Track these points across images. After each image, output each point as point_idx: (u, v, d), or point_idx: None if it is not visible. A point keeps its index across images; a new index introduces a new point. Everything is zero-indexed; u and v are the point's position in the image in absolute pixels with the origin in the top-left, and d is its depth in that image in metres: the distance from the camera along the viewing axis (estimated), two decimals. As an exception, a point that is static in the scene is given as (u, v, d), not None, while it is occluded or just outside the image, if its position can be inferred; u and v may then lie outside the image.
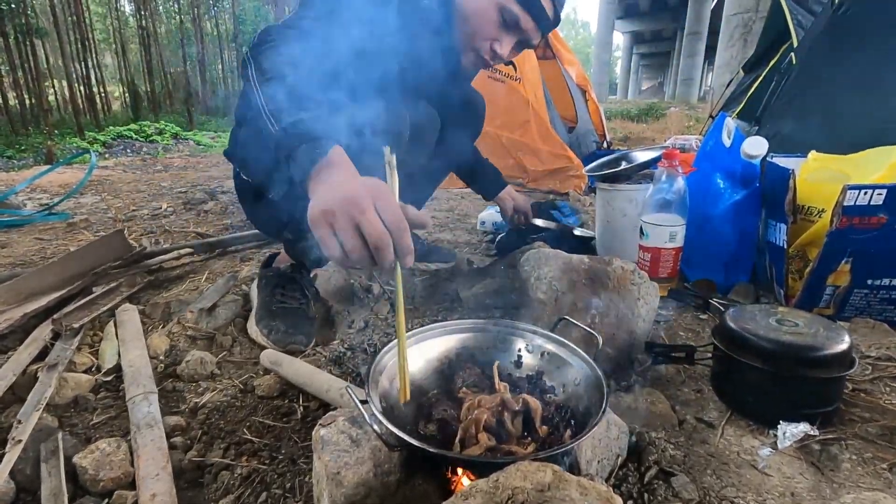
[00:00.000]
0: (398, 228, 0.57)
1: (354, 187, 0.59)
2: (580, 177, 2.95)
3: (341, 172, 0.65)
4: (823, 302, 1.17)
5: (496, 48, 1.00)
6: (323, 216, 0.58)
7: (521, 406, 0.66)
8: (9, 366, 0.96)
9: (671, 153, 1.28)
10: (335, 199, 0.58)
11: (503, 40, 1.00)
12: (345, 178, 0.63)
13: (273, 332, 1.10)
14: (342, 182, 0.62)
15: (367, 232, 0.56)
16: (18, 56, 7.70)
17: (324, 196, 0.60)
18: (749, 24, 6.53)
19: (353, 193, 0.57)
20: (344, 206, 0.57)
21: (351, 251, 0.57)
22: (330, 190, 0.61)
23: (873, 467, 0.73)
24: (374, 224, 0.56)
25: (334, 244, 0.58)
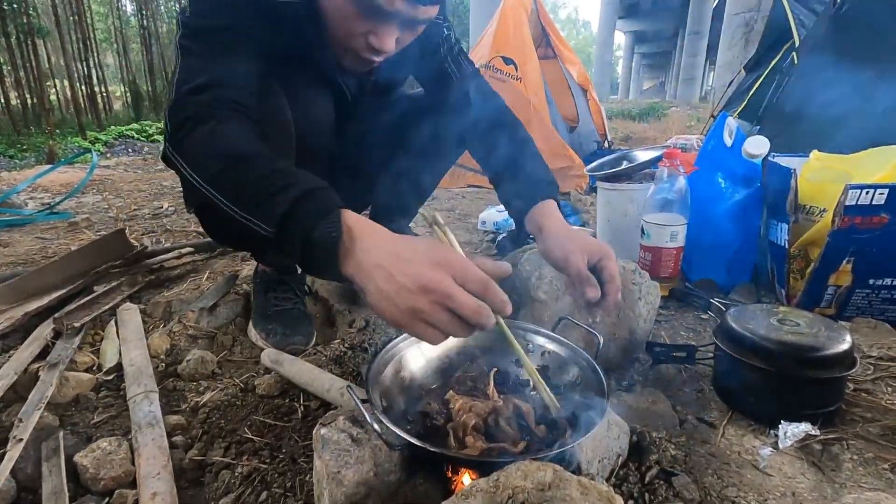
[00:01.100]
0: (487, 291, 0.54)
1: (425, 272, 0.53)
2: (581, 176, 2.95)
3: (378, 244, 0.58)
4: (825, 302, 1.16)
5: (373, 42, 0.82)
6: (410, 317, 0.53)
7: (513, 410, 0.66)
8: (10, 364, 0.96)
9: (672, 153, 1.28)
10: (410, 293, 0.53)
11: (378, 31, 0.81)
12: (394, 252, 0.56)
13: (271, 334, 1.10)
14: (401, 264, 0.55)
15: (464, 315, 0.52)
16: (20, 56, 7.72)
17: (394, 291, 0.54)
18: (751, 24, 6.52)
19: (428, 281, 0.52)
20: (428, 298, 0.52)
21: (455, 334, 0.54)
22: (391, 280, 0.54)
23: (875, 467, 0.73)
24: (467, 305, 0.52)
25: (435, 335, 0.54)
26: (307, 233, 0.59)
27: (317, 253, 0.59)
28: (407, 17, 0.80)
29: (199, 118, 0.71)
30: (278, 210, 0.60)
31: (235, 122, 0.74)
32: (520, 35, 3.18)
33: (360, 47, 0.85)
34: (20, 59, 7.75)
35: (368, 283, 0.56)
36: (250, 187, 0.64)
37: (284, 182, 0.63)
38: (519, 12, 3.24)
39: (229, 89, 0.76)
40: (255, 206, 0.63)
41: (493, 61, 3.11)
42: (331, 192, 0.63)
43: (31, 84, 7.90)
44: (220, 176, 0.67)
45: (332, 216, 0.60)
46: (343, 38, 0.85)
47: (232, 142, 0.70)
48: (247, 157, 0.67)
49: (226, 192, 0.67)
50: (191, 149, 0.71)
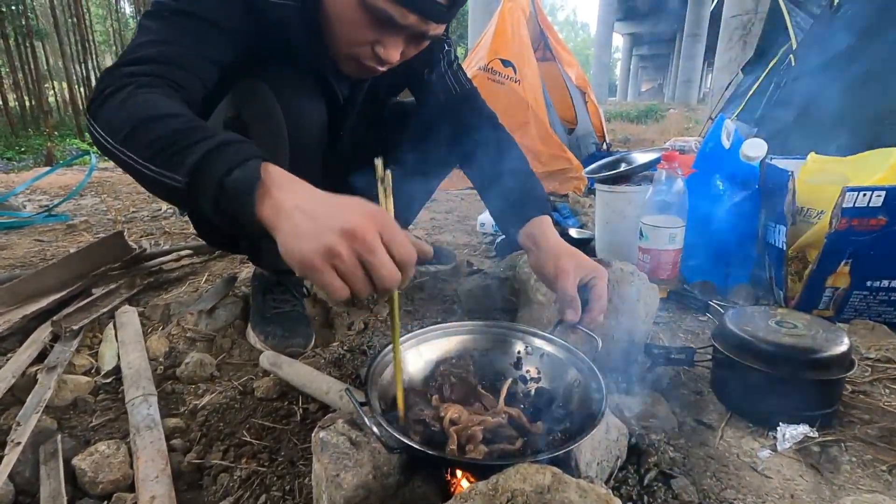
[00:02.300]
0: (408, 265, 0.52)
1: (355, 218, 0.51)
2: (579, 178, 2.95)
3: (303, 190, 0.56)
4: (823, 303, 1.17)
5: (380, 52, 0.82)
6: (323, 257, 0.50)
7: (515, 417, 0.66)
8: (8, 367, 0.96)
9: (671, 155, 1.29)
10: (333, 234, 0.50)
11: (385, 42, 0.81)
12: (321, 198, 0.55)
13: (270, 337, 1.10)
14: (325, 206, 0.53)
15: (377, 275, 0.50)
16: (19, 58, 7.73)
17: (308, 232, 0.51)
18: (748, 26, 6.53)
19: (355, 226, 0.50)
20: (348, 243, 0.50)
21: (359, 293, 0.51)
22: (313, 219, 0.52)
23: (873, 469, 0.73)
24: (386, 265, 0.50)
25: (341, 287, 0.51)
26: (221, 177, 0.56)
27: (231, 198, 0.56)
28: (416, 31, 0.80)
29: (119, 84, 0.68)
30: (189, 160, 0.57)
31: (159, 89, 0.69)
32: (518, 37, 3.19)
33: (365, 56, 0.84)
34: (19, 62, 7.75)
35: (284, 223, 0.53)
36: (165, 141, 0.61)
37: (203, 135, 0.59)
38: (517, 14, 3.25)
39: (170, 67, 0.72)
40: (168, 158, 0.60)
41: (492, 63, 3.11)
42: (251, 146, 0.60)
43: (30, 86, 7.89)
44: (131, 135, 0.63)
45: (251, 163, 0.57)
46: (346, 45, 0.84)
47: (149, 102, 0.66)
48: (161, 115, 0.63)
49: (139, 149, 0.62)
50: (106, 113, 0.67)
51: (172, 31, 0.75)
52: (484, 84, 2.95)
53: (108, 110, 0.66)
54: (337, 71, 0.93)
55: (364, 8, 0.76)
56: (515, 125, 3.03)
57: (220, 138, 0.59)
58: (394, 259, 0.51)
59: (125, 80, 0.68)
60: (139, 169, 0.62)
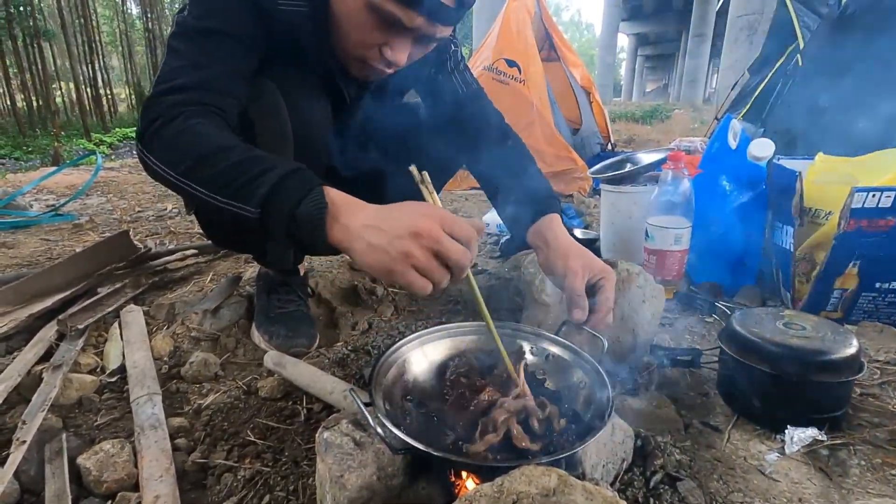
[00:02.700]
0: (472, 240, 0.59)
1: (415, 221, 0.57)
2: (584, 179, 2.94)
3: (364, 210, 0.62)
4: (831, 305, 1.16)
5: (387, 54, 0.82)
6: (402, 261, 0.57)
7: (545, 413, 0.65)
8: (14, 366, 0.96)
9: (676, 155, 1.28)
10: (403, 240, 0.57)
11: (392, 44, 0.81)
12: (381, 213, 0.61)
13: (274, 337, 1.10)
14: (387, 219, 0.59)
15: (451, 258, 0.57)
16: (27, 58, 7.79)
17: (382, 244, 0.58)
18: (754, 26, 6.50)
19: (418, 226, 0.57)
20: (417, 242, 0.57)
21: (440, 282, 0.58)
22: (382, 232, 0.58)
23: (882, 473, 0.72)
24: (454, 248, 0.57)
25: (423, 282, 0.58)
26: (292, 209, 0.62)
27: (303, 226, 0.62)
28: (424, 33, 0.80)
29: (169, 115, 0.71)
30: (261, 191, 0.62)
31: (208, 119, 0.73)
32: (523, 37, 3.19)
33: (373, 58, 0.84)
34: (26, 62, 7.82)
35: (357, 242, 0.60)
36: (227, 174, 0.66)
37: (262, 167, 0.65)
38: (522, 15, 3.25)
39: (209, 93, 0.76)
40: (236, 190, 0.65)
41: (497, 63, 3.11)
42: (311, 173, 0.65)
43: (37, 86, 7.96)
44: (194, 167, 0.68)
45: (315, 192, 0.62)
46: (354, 47, 0.85)
47: (203, 135, 0.70)
48: (220, 147, 0.68)
49: (202, 183, 0.67)
50: (161, 146, 0.71)
51: (202, 53, 0.78)
52: (489, 84, 2.95)
53: (163, 143, 0.71)
54: (344, 71, 0.93)
55: (372, 10, 0.77)
56: (520, 125, 3.02)
57: (282, 170, 0.64)
58: (459, 241, 0.58)
59: (172, 111, 0.71)
60: (206, 200, 0.67)
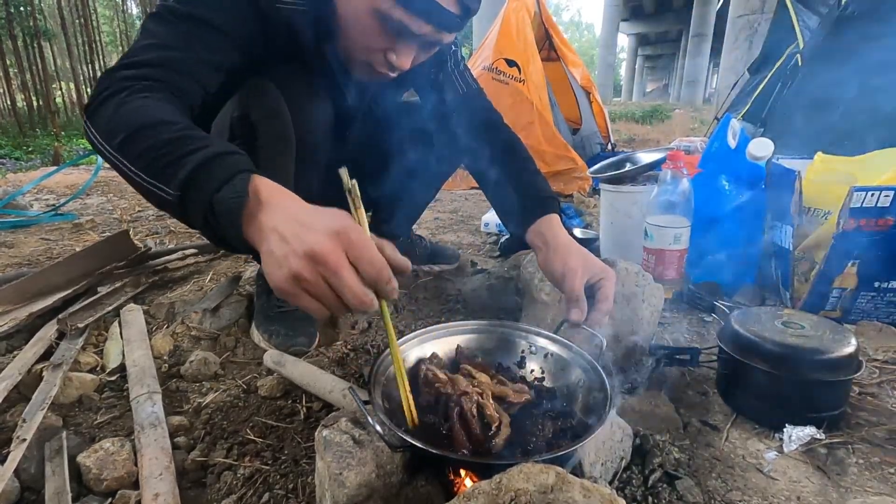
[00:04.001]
0: (380, 279, 0.51)
1: (318, 239, 0.50)
2: (584, 178, 2.94)
3: (282, 208, 0.55)
4: (830, 305, 1.16)
5: (392, 59, 0.82)
6: (291, 282, 0.51)
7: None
8: (14, 365, 0.96)
9: (676, 155, 1.28)
10: (297, 258, 0.50)
11: (398, 49, 0.81)
12: (295, 216, 0.53)
13: (274, 336, 1.10)
14: (297, 227, 0.52)
15: (346, 298, 0.50)
16: (27, 58, 7.79)
17: (282, 254, 0.51)
18: (754, 26, 6.50)
19: (318, 250, 0.49)
20: (311, 267, 0.50)
21: (336, 312, 0.52)
22: (284, 242, 0.51)
23: (880, 472, 0.72)
24: (351, 287, 0.49)
25: (315, 306, 0.51)
26: (209, 195, 0.56)
27: (219, 217, 0.56)
28: (430, 40, 0.81)
29: (117, 88, 0.67)
30: (182, 173, 0.57)
31: (158, 94, 0.69)
32: (523, 37, 3.19)
33: (378, 62, 0.85)
34: (27, 62, 7.82)
35: (263, 245, 0.54)
36: (156, 151, 0.60)
37: (194, 146, 0.59)
38: (522, 14, 3.25)
39: (168, 71, 0.72)
40: (160, 170, 0.60)
41: (497, 63, 3.11)
42: (241, 157, 0.60)
43: (38, 86, 7.96)
44: (126, 141, 0.63)
45: (239, 179, 0.57)
46: (360, 51, 0.85)
47: (145, 108, 0.65)
48: (157, 122, 0.63)
49: (132, 158, 0.62)
50: (102, 117, 0.66)
51: (173, 34, 0.75)
52: (488, 84, 2.95)
53: (104, 114, 0.66)
54: (345, 72, 0.94)
55: (379, 17, 0.77)
56: (520, 125, 3.03)
57: (210, 151, 0.58)
58: (362, 278, 0.51)
59: (122, 84, 0.68)
60: (132, 176, 0.62)
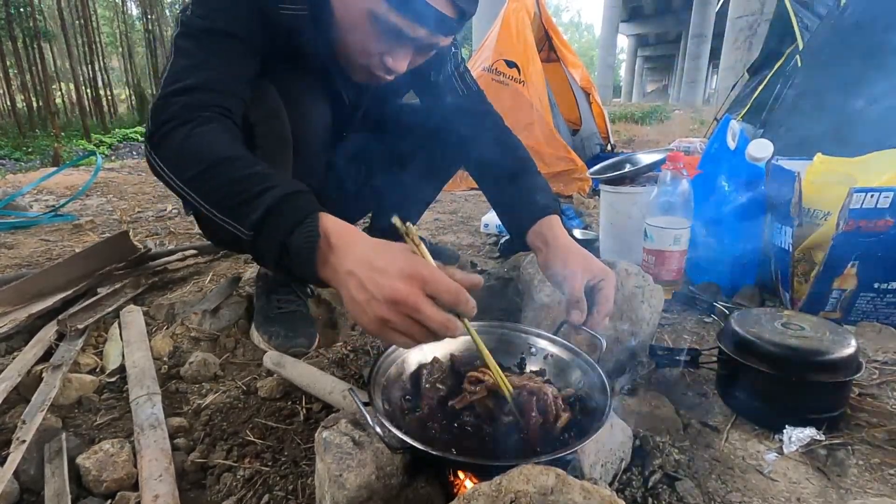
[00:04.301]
0: (458, 303, 0.54)
1: (395, 284, 0.53)
2: (584, 179, 2.94)
3: (354, 251, 0.58)
4: (829, 305, 1.16)
5: (388, 63, 0.83)
6: (379, 325, 0.55)
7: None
8: (14, 366, 0.96)
9: (676, 155, 1.28)
10: (379, 304, 0.53)
11: (394, 52, 0.82)
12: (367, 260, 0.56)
13: (273, 337, 1.10)
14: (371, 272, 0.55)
15: (432, 328, 0.53)
16: (27, 59, 7.80)
17: (365, 300, 0.55)
18: (754, 27, 6.51)
19: (397, 294, 0.53)
20: (395, 311, 0.53)
21: (424, 342, 0.56)
22: (363, 289, 0.55)
23: (880, 473, 0.72)
24: (435, 319, 0.53)
25: (405, 342, 0.55)
26: (283, 238, 0.60)
27: (294, 258, 0.60)
28: (426, 43, 0.82)
29: (180, 119, 0.71)
30: (254, 215, 0.61)
31: (216, 124, 0.73)
32: (523, 38, 3.19)
33: (374, 65, 0.85)
34: (26, 63, 7.83)
35: (342, 289, 0.58)
36: (227, 189, 0.65)
37: (261, 186, 0.63)
38: (522, 15, 3.25)
39: (217, 94, 0.76)
40: (232, 209, 0.64)
41: (496, 64, 3.11)
42: (308, 197, 0.64)
43: (37, 87, 7.96)
44: (197, 178, 0.68)
45: (309, 221, 0.60)
46: (356, 54, 0.86)
47: (210, 144, 0.70)
48: (224, 159, 0.67)
49: (203, 195, 0.67)
50: (169, 149, 0.71)
51: (209, 53, 0.78)
52: (488, 85, 2.95)
53: (170, 147, 0.70)
54: (344, 74, 0.94)
55: (375, 20, 0.78)
56: (520, 126, 3.04)
57: (279, 192, 0.62)
58: (444, 304, 0.54)
59: (182, 114, 0.72)
60: (205, 212, 0.67)
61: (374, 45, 0.82)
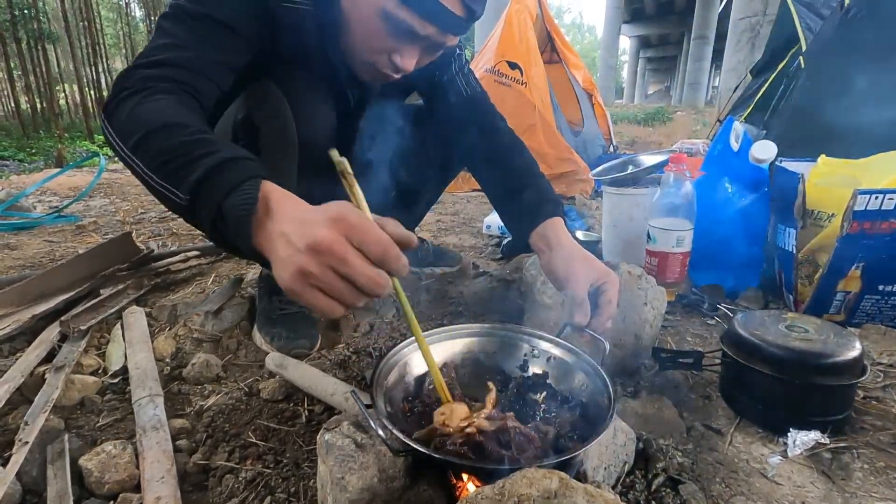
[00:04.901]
0: (388, 257, 0.49)
1: (318, 231, 0.48)
2: (586, 181, 2.94)
3: (288, 213, 0.54)
4: (834, 308, 1.15)
5: (396, 61, 0.83)
6: (299, 280, 0.49)
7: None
8: (17, 367, 0.96)
9: (678, 157, 1.28)
10: (300, 254, 0.48)
11: (402, 51, 0.82)
12: (298, 217, 0.52)
13: (276, 338, 1.10)
14: (299, 226, 0.51)
15: (357, 283, 0.48)
16: (31, 61, 7.83)
17: (287, 255, 0.50)
18: (757, 28, 6.50)
19: (319, 240, 0.48)
20: (318, 260, 0.48)
21: (351, 303, 0.49)
22: (290, 245, 0.50)
23: (885, 476, 0.72)
24: (361, 270, 0.48)
25: (329, 303, 0.49)
26: (220, 200, 0.55)
27: (229, 223, 0.56)
28: (434, 42, 0.82)
29: (137, 88, 0.68)
30: (191, 178, 0.57)
31: (175, 97, 0.70)
32: (525, 39, 3.19)
33: (382, 63, 0.85)
34: (30, 65, 7.86)
35: (272, 252, 0.53)
36: (170, 154, 0.60)
37: (206, 150, 0.59)
38: (524, 17, 3.25)
39: (186, 72, 0.73)
40: (171, 173, 0.60)
41: (499, 66, 3.11)
42: (252, 163, 0.60)
43: (41, 89, 7.99)
44: (141, 142, 0.63)
45: (249, 185, 0.56)
46: (364, 52, 0.85)
47: (161, 111, 0.66)
48: (171, 125, 0.63)
49: (146, 159, 0.63)
50: (119, 116, 0.67)
51: (190, 35, 0.76)
52: (490, 86, 2.95)
53: (122, 114, 0.67)
54: (349, 73, 0.94)
55: (384, 18, 0.77)
56: (522, 127, 3.04)
57: (221, 155, 0.58)
58: (371, 259, 0.49)
59: (141, 84, 0.68)
60: (145, 178, 0.63)
61: (383, 43, 0.82)
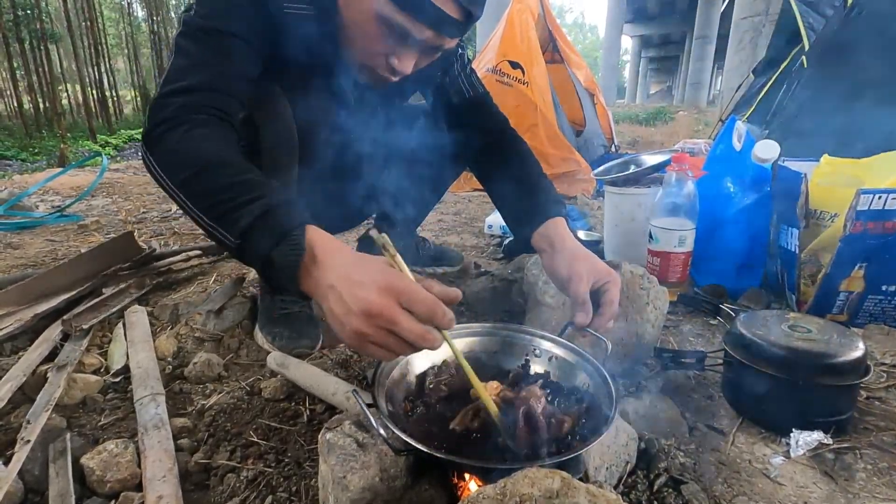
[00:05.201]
0: (434, 315, 0.55)
1: (370, 297, 0.54)
2: (588, 180, 2.94)
3: (335, 265, 0.59)
4: (836, 308, 1.15)
5: (394, 63, 0.84)
6: (357, 339, 0.56)
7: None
8: (19, 366, 0.97)
9: (680, 157, 1.27)
10: (356, 318, 0.54)
11: (400, 54, 0.82)
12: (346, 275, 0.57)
13: (277, 338, 1.10)
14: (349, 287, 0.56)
15: (408, 340, 0.54)
16: (33, 60, 7.85)
17: (342, 313, 0.56)
18: (759, 28, 6.48)
19: (371, 306, 0.53)
20: (372, 324, 0.54)
21: (403, 354, 0.57)
22: (341, 302, 0.56)
23: (889, 477, 0.71)
24: (412, 331, 0.54)
25: (385, 354, 0.56)
26: (268, 250, 0.61)
27: (277, 271, 0.61)
28: (432, 45, 0.82)
29: (176, 120, 0.71)
30: (241, 224, 0.62)
31: (212, 127, 0.73)
32: (527, 39, 3.19)
33: (380, 66, 0.86)
34: (33, 64, 7.88)
35: (323, 303, 0.59)
36: (216, 196, 0.66)
37: (250, 195, 0.64)
38: (526, 16, 3.25)
39: (214, 95, 0.76)
40: (221, 215, 0.65)
41: (500, 65, 3.11)
42: (294, 209, 0.64)
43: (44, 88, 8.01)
44: (188, 181, 0.68)
45: (293, 236, 0.61)
46: (362, 55, 0.86)
47: (204, 147, 0.70)
48: (216, 165, 0.68)
49: (193, 198, 0.68)
50: (163, 150, 0.71)
51: (208, 52, 0.78)
52: (492, 86, 2.95)
53: (165, 148, 0.71)
54: (349, 75, 0.94)
55: (381, 21, 0.78)
56: (524, 127, 3.03)
57: (267, 202, 0.63)
58: (420, 318, 0.55)
59: (179, 116, 0.72)
60: (194, 216, 0.68)
61: (380, 46, 0.82)
